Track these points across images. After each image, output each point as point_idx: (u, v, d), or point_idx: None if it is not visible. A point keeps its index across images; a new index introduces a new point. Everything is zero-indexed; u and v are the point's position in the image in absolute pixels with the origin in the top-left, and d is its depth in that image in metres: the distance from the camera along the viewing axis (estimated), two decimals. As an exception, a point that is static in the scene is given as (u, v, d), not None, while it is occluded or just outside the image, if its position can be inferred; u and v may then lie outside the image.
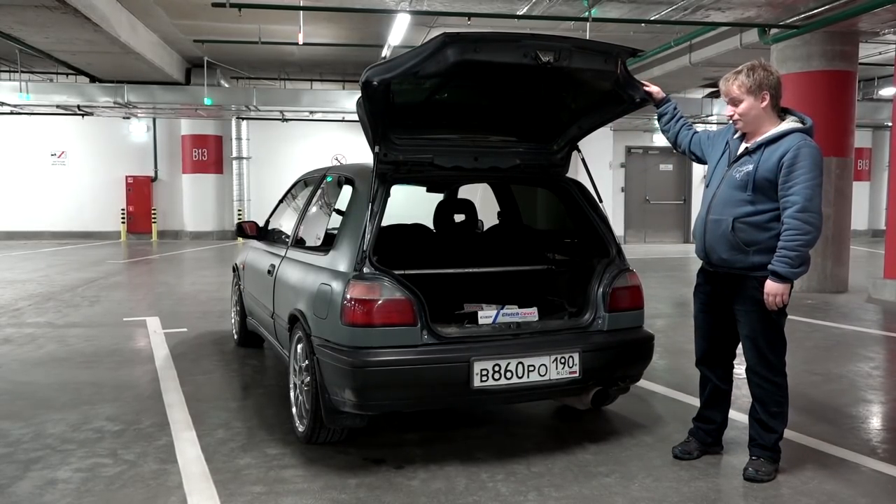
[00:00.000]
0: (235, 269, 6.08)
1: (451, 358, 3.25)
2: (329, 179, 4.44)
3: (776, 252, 3.06)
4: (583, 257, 4.04)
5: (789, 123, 3.17)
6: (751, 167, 3.14)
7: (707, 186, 3.38)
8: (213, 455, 3.49)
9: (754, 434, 3.30)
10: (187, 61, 15.94)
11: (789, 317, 3.30)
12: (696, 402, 3.70)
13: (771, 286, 3.07)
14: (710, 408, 3.53)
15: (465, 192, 4.94)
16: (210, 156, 19.21)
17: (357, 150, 19.18)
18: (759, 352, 3.22)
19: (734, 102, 3.19)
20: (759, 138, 3.17)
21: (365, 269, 3.30)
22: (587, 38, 9.84)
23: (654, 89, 3.51)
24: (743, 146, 3.25)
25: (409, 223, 4.93)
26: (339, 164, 15.91)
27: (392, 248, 4.26)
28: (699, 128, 4.32)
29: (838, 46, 9.31)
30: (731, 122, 3.29)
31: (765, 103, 3.15)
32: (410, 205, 5.61)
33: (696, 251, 3.43)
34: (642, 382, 4.07)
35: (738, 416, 3.86)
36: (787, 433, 3.75)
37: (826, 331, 6.79)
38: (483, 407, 4.14)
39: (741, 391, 3.95)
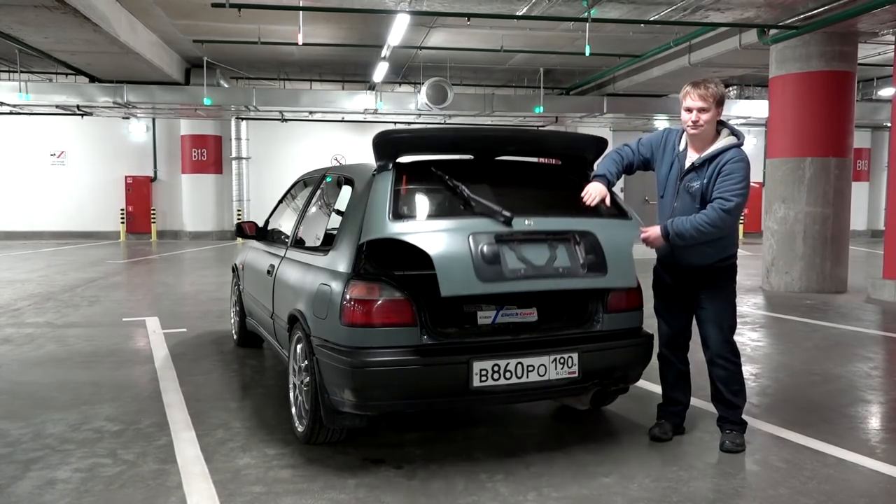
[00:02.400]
0: (235, 269, 6.08)
1: (451, 358, 3.25)
2: (329, 179, 4.44)
3: (686, 219, 3.35)
4: None
5: (728, 139, 3.43)
6: (698, 183, 3.42)
7: (662, 197, 3.62)
8: (212, 455, 3.49)
9: (723, 413, 3.59)
10: (187, 61, 15.94)
11: (788, 317, 3.32)
12: (696, 401, 3.71)
13: (654, 235, 3.48)
14: (675, 390, 3.76)
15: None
16: (209, 156, 19.21)
17: (357, 150, 19.23)
18: (723, 334, 3.53)
19: (703, 110, 3.38)
20: (704, 154, 3.43)
21: (364, 270, 3.31)
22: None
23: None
24: (689, 161, 3.47)
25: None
26: (338, 164, 15.94)
27: (392, 249, 4.25)
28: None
29: (837, 47, 9.30)
30: (687, 126, 3.44)
31: (719, 116, 3.43)
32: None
33: (664, 255, 3.67)
34: (641, 382, 4.07)
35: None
36: (786, 433, 3.79)
37: (825, 331, 6.79)
38: (482, 407, 4.14)
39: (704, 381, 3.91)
